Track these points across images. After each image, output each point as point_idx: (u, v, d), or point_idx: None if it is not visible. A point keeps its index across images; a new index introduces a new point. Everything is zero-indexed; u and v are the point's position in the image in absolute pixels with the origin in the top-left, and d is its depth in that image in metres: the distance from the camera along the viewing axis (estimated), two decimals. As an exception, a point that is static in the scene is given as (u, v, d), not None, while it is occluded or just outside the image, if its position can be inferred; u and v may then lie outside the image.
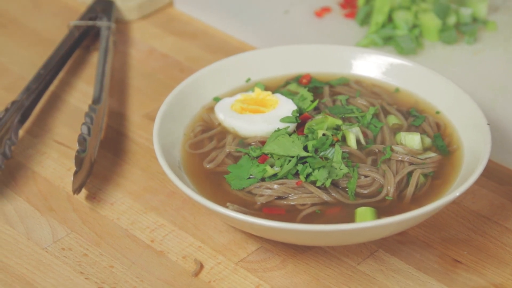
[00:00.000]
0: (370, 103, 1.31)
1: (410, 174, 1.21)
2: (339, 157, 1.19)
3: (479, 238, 1.22)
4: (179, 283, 1.17)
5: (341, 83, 1.36)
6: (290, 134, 1.23)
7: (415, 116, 1.30)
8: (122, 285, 1.17)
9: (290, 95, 1.32)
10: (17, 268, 1.19)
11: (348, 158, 1.21)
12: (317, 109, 1.31)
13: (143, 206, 1.28)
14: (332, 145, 1.21)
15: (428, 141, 1.26)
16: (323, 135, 1.22)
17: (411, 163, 1.21)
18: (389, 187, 1.18)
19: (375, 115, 1.28)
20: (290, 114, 1.28)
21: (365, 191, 1.19)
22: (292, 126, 1.26)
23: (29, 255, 1.21)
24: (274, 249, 1.21)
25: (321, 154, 1.21)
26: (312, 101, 1.31)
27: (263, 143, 1.24)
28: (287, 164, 1.19)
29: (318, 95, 1.34)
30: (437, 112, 1.31)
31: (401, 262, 1.18)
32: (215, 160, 1.25)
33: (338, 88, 1.35)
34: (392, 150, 1.22)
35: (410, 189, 1.19)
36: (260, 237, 1.21)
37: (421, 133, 1.26)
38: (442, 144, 1.26)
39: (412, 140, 1.24)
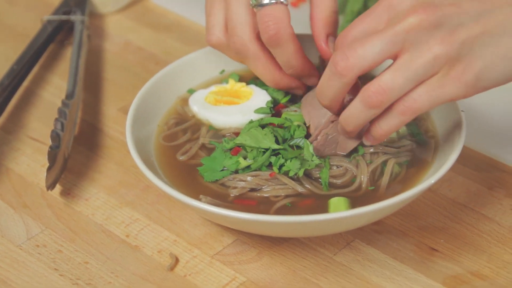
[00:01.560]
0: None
1: (384, 163, 1.20)
2: (309, 150, 1.18)
3: (455, 225, 1.21)
4: (154, 277, 1.16)
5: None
6: (263, 126, 1.22)
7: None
8: (97, 281, 1.16)
9: (264, 85, 1.31)
10: (-9, 266, 1.18)
11: None
12: (292, 100, 1.30)
13: (118, 201, 1.27)
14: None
15: (403, 129, 1.25)
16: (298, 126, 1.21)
17: (385, 153, 1.21)
18: (362, 177, 1.18)
19: None
20: (264, 105, 1.27)
21: (339, 181, 1.18)
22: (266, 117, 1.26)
23: (2, 253, 1.20)
24: (250, 242, 1.20)
25: (293, 142, 1.20)
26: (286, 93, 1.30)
27: (237, 134, 1.24)
28: (261, 157, 1.18)
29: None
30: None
31: (377, 251, 1.18)
32: (188, 152, 1.24)
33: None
34: (363, 145, 1.20)
35: (385, 178, 1.18)
36: (236, 229, 1.20)
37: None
38: (418, 131, 1.25)
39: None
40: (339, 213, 1.09)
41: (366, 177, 1.17)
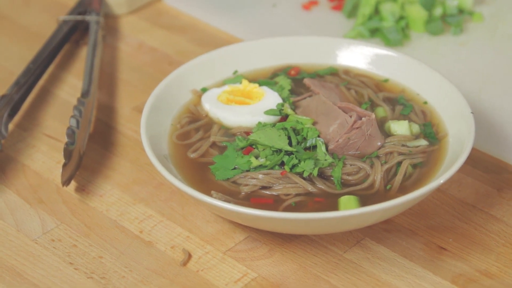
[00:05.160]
0: (360, 95, 1.33)
1: (399, 164, 1.22)
2: (322, 150, 1.20)
3: (464, 225, 1.23)
4: (167, 272, 1.18)
5: (329, 73, 1.38)
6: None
7: (403, 104, 1.32)
8: (111, 275, 1.18)
9: (276, 87, 1.33)
10: (7, 260, 1.20)
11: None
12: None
13: (131, 198, 1.29)
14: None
15: (416, 128, 1.27)
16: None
17: (400, 153, 1.23)
18: (376, 176, 1.19)
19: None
20: (274, 107, 1.29)
21: (351, 178, 1.20)
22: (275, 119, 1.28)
23: (19, 247, 1.22)
24: (261, 238, 1.22)
25: (308, 144, 1.22)
26: (291, 91, 1.32)
27: (247, 133, 1.26)
28: (275, 157, 1.20)
29: (305, 86, 1.35)
30: (425, 103, 1.32)
31: (387, 249, 1.20)
32: (199, 150, 1.26)
33: (326, 78, 1.37)
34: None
35: (398, 178, 1.20)
36: (248, 226, 1.22)
37: (408, 121, 1.28)
38: (431, 131, 1.27)
39: (400, 127, 1.26)
40: (350, 210, 1.11)
41: (380, 175, 1.19)
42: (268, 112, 1.28)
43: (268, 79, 1.37)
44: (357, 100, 1.32)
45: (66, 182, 1.28)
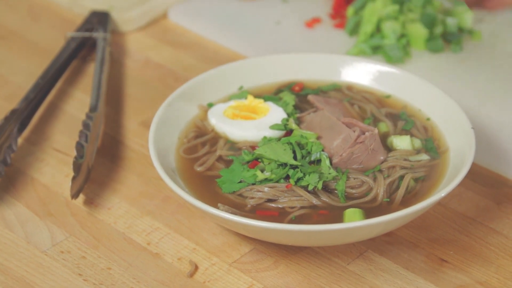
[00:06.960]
0: (363, 110, 1.36)
1: (401, 178, 1.25)
2: (326, 164, 1.23)
3: (464, 238, 1.26)
4: (174, 283, 1.21)
5: (332, 89, 1.41)
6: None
7: (405, 120, 1.35)
8: (119, 286, 1.20)
9: (280, 103, 1.36)
10: (17, 271, 1.23)
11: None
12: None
13: (139, 211, 1.32)
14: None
15: (417, 143, 1.30)
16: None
17: (402, 167, 1.25)
18: (378, 189, 1.22)
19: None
20: (279, 122, 1.32)
21: (355, 191, 1.23)
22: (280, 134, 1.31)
23: (28, 258, 1.24)
24: (266, 251, 1.24)
25: (313, 158, 1.25)
26: (295, 106, 1.35)
27: (253, 148, 1.29)
28: (281, 170, 1.23)
29: (309, 102, 1.38)
30: (428, 119, 1.35)
31: (389, 261, 1.22)
32: (205, 163, 1.29)
33: (330, 94, 1.40)
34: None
35: (401, 191, 1.23)
36: (253, 239, 1.25)
37: (410, 136, 1.31)
38: (432, 146, 1.30)
39: (402, 142, 1.29)
40: (353, 222, 1.14)
41: (382, 189, 1.22)
42: (273, 127, 1.31)
43: (272, 94, 1.40)
44: (360, 115, 1.35)
45: (75, 195, 1.30)
